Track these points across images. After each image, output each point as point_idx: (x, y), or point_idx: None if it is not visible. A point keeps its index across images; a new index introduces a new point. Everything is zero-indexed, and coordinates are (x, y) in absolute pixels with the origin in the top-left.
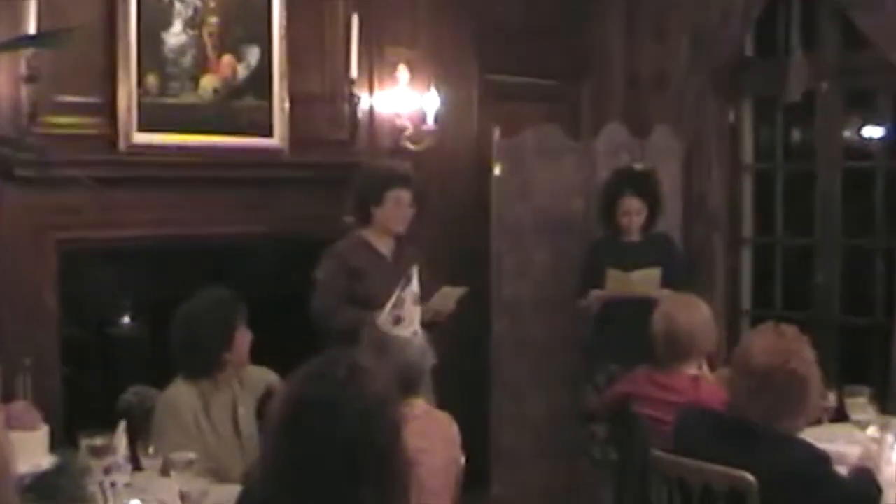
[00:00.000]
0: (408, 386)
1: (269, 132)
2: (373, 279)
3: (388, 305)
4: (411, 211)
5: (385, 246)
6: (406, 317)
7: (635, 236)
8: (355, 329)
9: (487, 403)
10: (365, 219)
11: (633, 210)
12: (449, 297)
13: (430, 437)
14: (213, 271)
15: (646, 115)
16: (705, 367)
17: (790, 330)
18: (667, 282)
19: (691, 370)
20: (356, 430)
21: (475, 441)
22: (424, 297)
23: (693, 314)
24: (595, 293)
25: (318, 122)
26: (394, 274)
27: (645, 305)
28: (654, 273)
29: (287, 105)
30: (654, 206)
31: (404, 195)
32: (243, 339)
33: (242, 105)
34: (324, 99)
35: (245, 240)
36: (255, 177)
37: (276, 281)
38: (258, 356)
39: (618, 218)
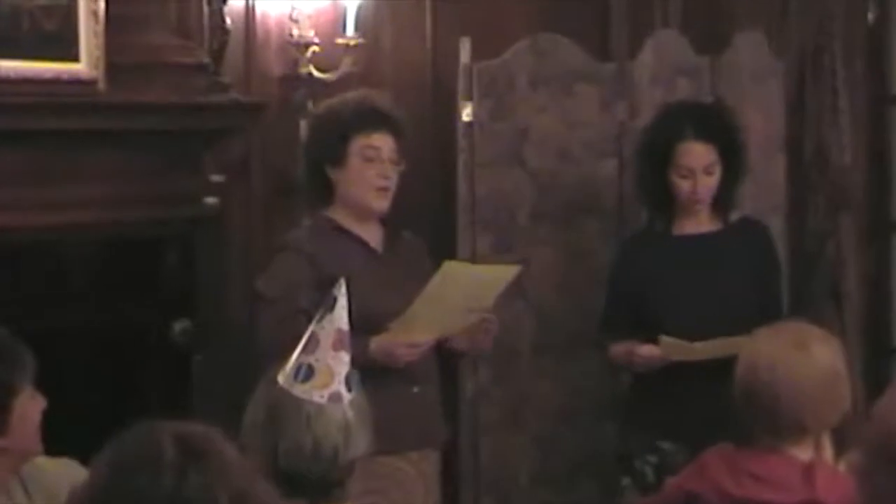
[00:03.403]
0: (314, 486)
1: (69, 51)
2: (364, 286)
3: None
4: (396, 171)
5: (369, 232)
6: (320, 368)
7: (703, 224)
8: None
9: None
10: (323, 191)
11: (698, 165)
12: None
13: None
14: None
15: (721, 14)
16: (828, 448)
17: None
18: (762, 313)
19: (804, 452)
20: None
21: None
22: None
23: (806, 360)
24: (641, 351)
25: (154, 32)
26: (393, 278)
27: None
28: (739, 343)
29: (101, 4)
30: (734, 164)
31: (382, 142)
32: (28, 410)
33: (20, 3)
34: None
35: (31, 237)
36: (46, 129)
37: (89, 306)
38: (58, 439)
39: (672, 182)
